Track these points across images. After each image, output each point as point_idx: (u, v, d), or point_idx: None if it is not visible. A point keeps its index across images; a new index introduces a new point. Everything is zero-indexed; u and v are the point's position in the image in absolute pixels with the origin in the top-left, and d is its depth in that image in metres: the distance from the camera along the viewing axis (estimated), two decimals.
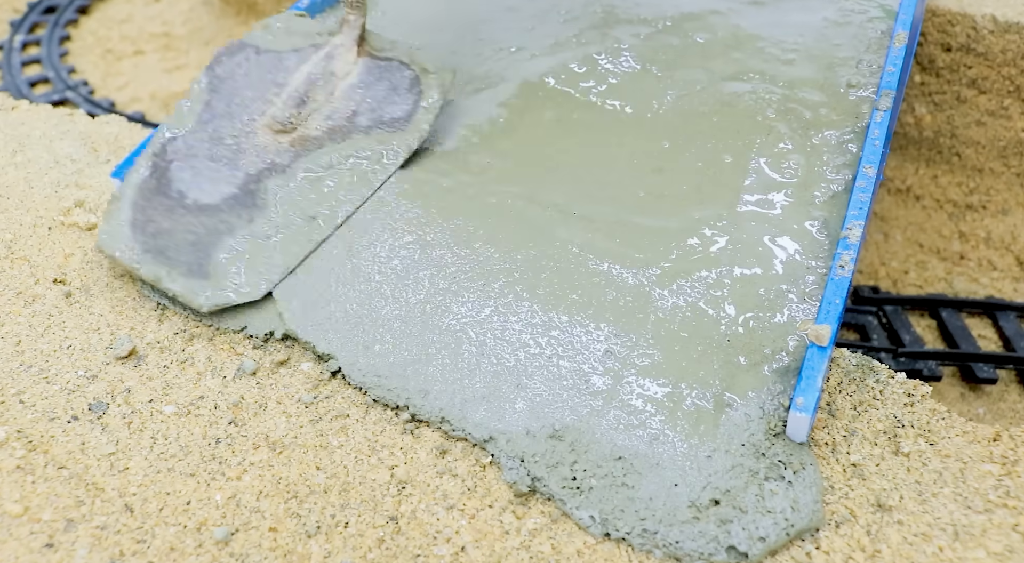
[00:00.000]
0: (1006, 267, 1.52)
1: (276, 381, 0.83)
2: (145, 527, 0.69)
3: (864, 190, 0.88)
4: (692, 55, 1.15)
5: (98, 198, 1.03)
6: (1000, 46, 1.42)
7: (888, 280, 1.52)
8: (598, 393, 0.77)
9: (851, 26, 1.18)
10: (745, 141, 1.01)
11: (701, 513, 0.69)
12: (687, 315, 0.82)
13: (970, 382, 1.29)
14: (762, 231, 0.90)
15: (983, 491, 0.71)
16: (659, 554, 0.67)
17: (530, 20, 1.25)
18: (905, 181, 1.62)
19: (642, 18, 1.23)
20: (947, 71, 1.50)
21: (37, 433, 0.76)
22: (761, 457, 0.72)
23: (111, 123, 1.21)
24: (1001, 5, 1.43)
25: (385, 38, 1.07)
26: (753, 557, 0.66)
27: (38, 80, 1.94)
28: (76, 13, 2.18)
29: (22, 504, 0.70)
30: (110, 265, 0.94)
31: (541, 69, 1.13)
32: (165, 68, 2.06)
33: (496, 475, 0.74)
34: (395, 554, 0.68)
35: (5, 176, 1.06)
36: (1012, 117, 1.49)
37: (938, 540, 0.67)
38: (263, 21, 1.08)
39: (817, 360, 0.74)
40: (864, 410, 0.78)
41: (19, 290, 0.90)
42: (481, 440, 0.75)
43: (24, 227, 0.98)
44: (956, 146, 1.57)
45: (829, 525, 0.69)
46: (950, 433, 0.76)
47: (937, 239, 1.58)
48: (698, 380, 0.77)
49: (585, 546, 0.68)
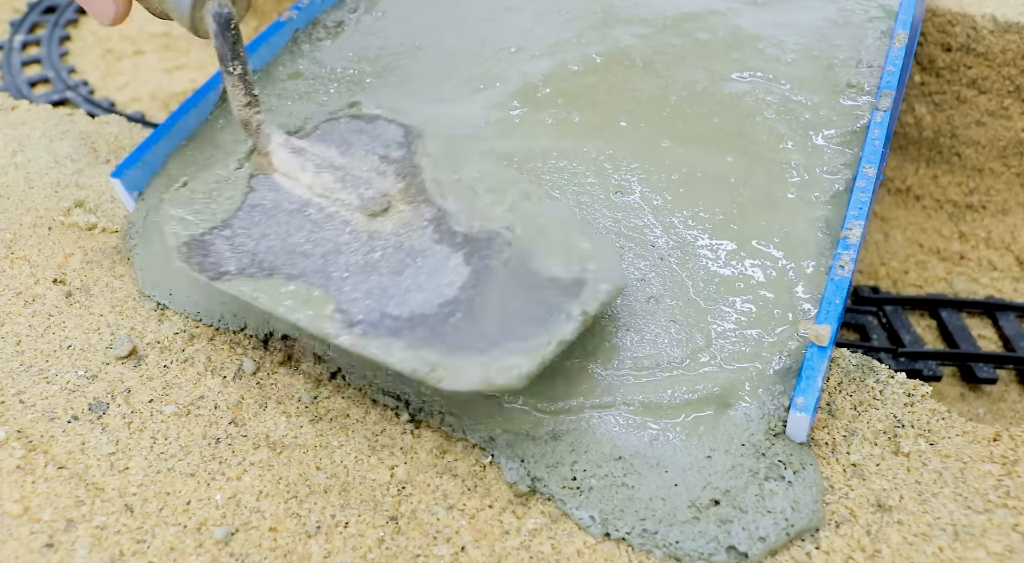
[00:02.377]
0: (1006, 267, 1.52)
1: (276, 381, 0.83)
2: (145, 527, 0.69)
3: (864, 190, 0.88)
4: (692, 55, 1.15)
5: (98, 198, 1.03)
6: (1000, 46, 1.42)
7: (888, 280, 1.52)
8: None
9: (851, 26, 1.18)
10: (745, 141, 1.01)
11: (701, 513, 0.69)
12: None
13: (970, 382, 1.29)
14: (762, 231, 0.90)
15: (983, 491, 0.71)
16: (659, 554, 0.67)
17: (530, 20, 1.25)
18: (905, 181, 1.62)
19: (642, 18, 1.23)
20: (947, 71, 1.50)
21: (37, 433, 0.76)
22: (761, 457, 0.72)
23: (111, 123, 1.21)
24: (1001, 5, 1.43)
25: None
26: (753, 557, 0.66)
27: (38, 80, 1.94)
28: (76, 13, 2.18)
29: (22, 504, 0.70)
30: (110, 265, 0.94)
31: (541, 69, 1.13)
32: (165, 68, 2.06)
33: (496, 475, 0.74)
34: (395, 554, 0.68)
35: (5, 176, 1.06)
36: (1012, 117, 1.49)
37: (938, 540, 0.67)
38: (185, 190, 0.89)
39: (817, 360, 0.74)
40: (864, 410, 0.78)
41: (19, 290, 0.90)
42: (481, 440, 0.75)
43: (24, 227, 0.98)
44: (956, 146, 1.57)
45: (829, 525, 0.69)
46: (950, 433, 0.76)
47: (937, 239, 1.57)
48: (699, 378, 0.77)
49: (585, 546, 0.68)
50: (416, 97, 1.12)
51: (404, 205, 0.83)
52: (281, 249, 0.80)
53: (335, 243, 0.80)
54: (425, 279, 0.76)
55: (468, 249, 0.78)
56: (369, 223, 0.82)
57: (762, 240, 0.89)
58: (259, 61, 1.16)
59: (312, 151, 0.88)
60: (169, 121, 1.04)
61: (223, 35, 0.83)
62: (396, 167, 0.88)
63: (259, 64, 1.16)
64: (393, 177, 0.87)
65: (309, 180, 0.86)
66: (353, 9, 1.29)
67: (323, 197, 0.85)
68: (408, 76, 1.16)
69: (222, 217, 0.84)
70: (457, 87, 1.13)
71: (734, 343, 0.80)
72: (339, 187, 0.84)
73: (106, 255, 0.96)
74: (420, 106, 1.10)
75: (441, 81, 1.15)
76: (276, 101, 1.12)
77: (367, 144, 0.91)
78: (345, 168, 0.86)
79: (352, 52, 1.20)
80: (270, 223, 0.83)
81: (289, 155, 0.87)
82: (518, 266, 0.75)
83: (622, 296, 0.83)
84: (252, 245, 0.81)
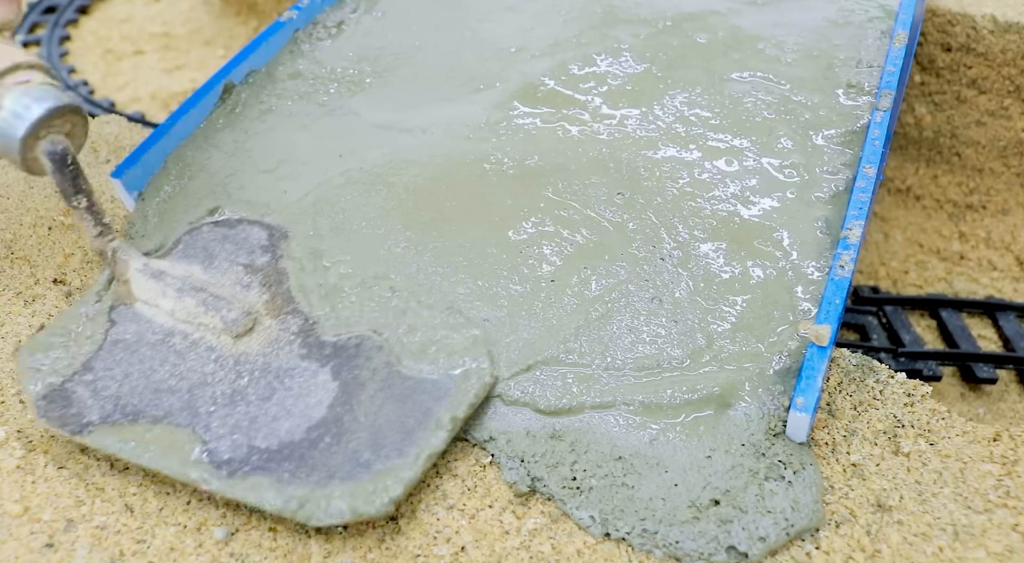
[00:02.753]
0: (1006, 267, 1.52)
1: None
2: (145, 527, 0.69)
3: (864, 190, 0.88)
4: (692, 55, 1.15)
5: (98, 198, 1.03)
6: (1000, 46, 1.42)
7: (888, 280, 1.52)
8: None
9: (851, 26, 1.18)
10: (745, 141, 1.01)
11: (701, 513, 0.69)
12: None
13: (970, 382, 1.29)
14: (762, 231, 0.90)
15: (983, 491, 0.71)
16: (659, 554, 0.67)
17: (530, 20, 1.25)
18: (905, 181, 1.62)
19: (642, 18, 1.23)
20: (947, 71, 1.50)
21: (37, 433, 0.76)
22: (761, 457, 0.72)
23: (111, 123, 1.21)
24: (1001, 5, 1.43)
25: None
26: (753, 557, 0.66)
27: None
28: (76, 13, 2.18)
29: (22, 504, 0.70)
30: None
31: (541, 69, 1.13)
32: (165, 68, 2.06)
33: (496, 475, 0.74)
34: (395, 554, 0.68)
35: (5, 176, 1.06)
36: (1012, 117, 1.49)
37: (938, 540, 0.67)
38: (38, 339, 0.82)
39: (817, 360, 0.74)
40: (864, 410, 0.78)
41: (19, 290, 0.90)
42: (481, 440, 0.75)
43: (24, 227, 0.98)
44: (956, 146, 1.57)
45: (829, 525, 0.69)
46: (950, 433, 0.76)
47: (937, 239, 1.58)
48: (699, 378, 0.77)
49: (585, 546, 0.68)
50: (416, 97, 1.12)
51: (271, 319, 0.82)
52: (146, 387, 0.76)
53: (201, 374, 0.77)
54: (293, 402, 0.75)
55: (336, 361, 0.77)
56: (235, 346, 0.79)
57: (762, 240, 0.89)
58: (259, 61, 1.16)
59: (172, 273, 0.85)
60: (169, 121, 1.05)
61: (62, 172, 0.79)
62: (261, 276, 0.85)
63: (259, 64, 1.16)
64: (258, 289, 0.84)
65: (171, 306, 0.82)
66: (353, 9, 1.29)
67: (187, 323, 0.81)
68: (408, 76, 1.16)
69: (83, 360, 0.79)
70: (457, 87, 1.13)
71: (734, 343, 0.80)
72: (202, 311, 0.81)
73: None
74: (420, 106, 1.10)
75: (441, 81, 1.15)
76: (276, 101, 1.12)
77: (231, 253, 0.88)
78: (208, 287, 0.83)
79: (352, 52, 1.20)
80: (133, 360, 0.79)
81: (149, 281, 0.84)
82: (387, 374, 0.76)
83: (623, 296, 0.83)
84: (115, 387, 0.76)
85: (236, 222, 0.93)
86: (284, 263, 0.87)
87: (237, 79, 1.13)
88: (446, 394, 0.73)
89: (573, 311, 0.83)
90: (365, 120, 1.08)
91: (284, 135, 1.06)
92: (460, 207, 0.94)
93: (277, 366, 0.78)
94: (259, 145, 1.05)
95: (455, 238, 0.90)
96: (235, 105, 1.11)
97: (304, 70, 1.17)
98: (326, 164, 1.01)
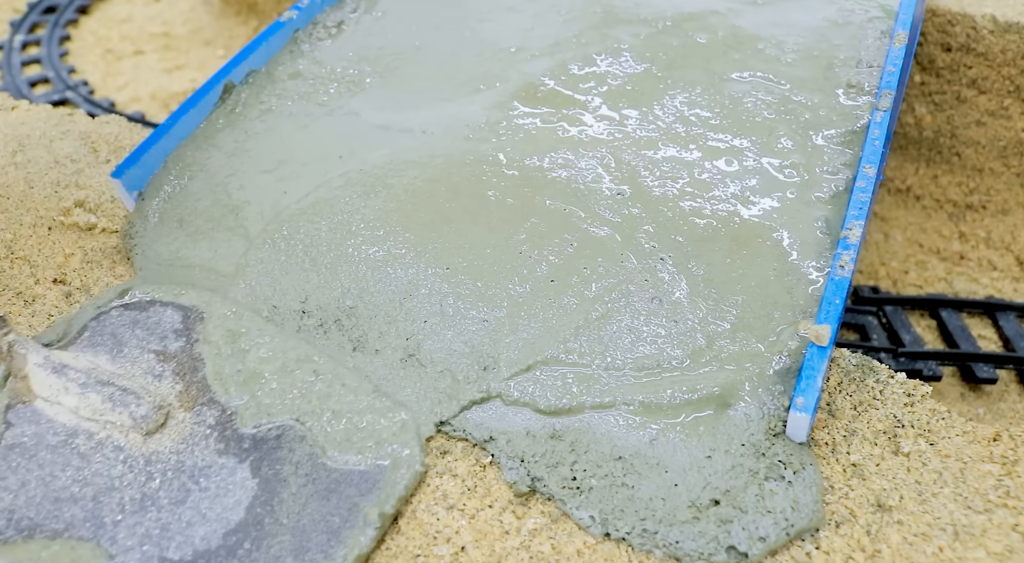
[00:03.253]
0: (1006, 267, 1.52)
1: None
2: None
3: (864, 190, 0.88)
4: (692, 55, 1.15)
5: (98, 198, 1.03)
6: (1000, 46, 1.42)
7: (888, 280, 1.52)
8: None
9: (851, 26, 1.18)
10: (745, 141, 1.01)
11: (701, 513, 0.69)
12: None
13: (970, 382, 1.29)
14: (762, 231, 0.90)
15: (983, 491, 0.71)
16: (659, 554, 0.67)
17: (530, 20, 1.25)
18: (905, 181, 1.62)
19: (642, 18, 1.23)
20: (947, 71, 1.50)
21: None
22: (761, 457, 0.72)
23: (111, 123, 1.21)
24: (1001, 5, 1.43)
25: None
26: (753, 557, 0.66)
27: (38, 80, 1.94)
28: (76, 13, 2.18)
29: None
30: (110, 265, 0.93)
31: (541, 69, 1.13)
32: (165, 68, 2.06)
33: (496, 475, 0.74)
34: (395, 554, 0.68)
35: (5, 176, 1.06)
36: (1012, 117, 1.49)
37: (938, 540, 0.67)
38: None
39: (817, 360, 0.74)
40: (864, 410, 0.78)
41: (19, 290, 0.90)
42: (481, 440, 0.75)
43: (24, 227, 0.98)
44: (956, 146, 1.57)
45: (829, 525, 0.69)
46: (950, 433, 0.76)
47: (937, 239, 1.57)
48: (699, 378, 0.77)
49: (585, 546, 0.68)
50: (416, 97, 1.12)
51: (185, 412, 0.76)
52: (45, 497, 0.70)
53: (107, 477, 0.71)
54: (209, 505, 0.69)
55: (256, 455, 0.72)
56: (146, 444, 0.73)
57: (762, 240, 0.89)
58: (259, 61, 1.16)
59: (76, 366, 0.78)
60: (169, 121, 1.05)
61: None
62: (175, 364, 0.80)
63: (259, 64, 1.16)
64: (171, 378, 0.79)
65: (74, 403, 0.75)
66: (353, 9, 1.29)
67: (92, 421, 0.75)
68: (408, 76, 1.16)
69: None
70: (457, 87, 1.13)
71: (734, 343, 0.80)
72: (108, 407, 0.75)
73: (106, 255, 0.96)
74: (420, 106, 1.10)
75: (441, 81, 1.15)
76: (276, 101, 1.12)
77: (141, 340, 0.82)
78: (115, 380, 0.77)
79: (352, 52, 1.20)
80: (31, 466, 0.72)
81: (49, 376, 0.77)
82: (311, 467, 0.71)
83: (624, 296, 0.83)
84: (10, 499, 0.70)
85: (148, 304, 0.86)
86: (200, 348, 0.81)
87: (237, 79, 1.13)
88: (374, 486, 0.70)
89: (573, 311, 0.83)
90: (365, 120, 1.08)
91: (284, 135, 1.06)
92: (459, 208, 0.94)
93: (192, 464, 0.72)
94: (259, 145, 1.05)
95: (454, 239, 0.90)
96: (235, 105, 1.11)
97: (304, 70, 1.17)
98: (326, 165, 1.01)
